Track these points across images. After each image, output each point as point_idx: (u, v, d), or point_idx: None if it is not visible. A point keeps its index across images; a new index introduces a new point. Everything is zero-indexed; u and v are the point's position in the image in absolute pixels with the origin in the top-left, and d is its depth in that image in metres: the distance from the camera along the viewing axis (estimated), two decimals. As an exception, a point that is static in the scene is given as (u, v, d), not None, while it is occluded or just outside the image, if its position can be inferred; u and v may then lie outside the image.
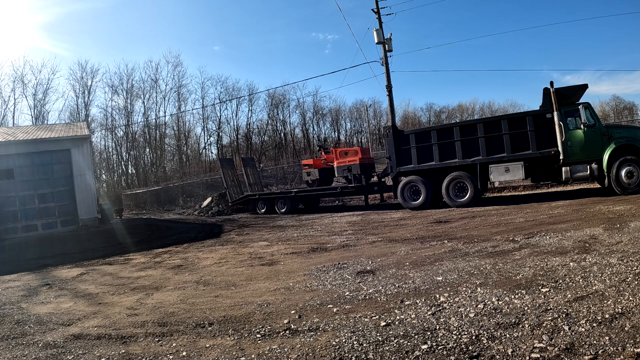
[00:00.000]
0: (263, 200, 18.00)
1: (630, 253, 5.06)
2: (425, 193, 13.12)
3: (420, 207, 13.10)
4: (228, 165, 21.06)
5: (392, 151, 13.63)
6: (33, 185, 15.29)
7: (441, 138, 12.94)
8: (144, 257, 9.34)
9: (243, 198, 18.75)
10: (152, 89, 44.79)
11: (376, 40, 21.02)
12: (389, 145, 13.73)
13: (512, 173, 12.05)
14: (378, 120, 59.70)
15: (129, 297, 5.72)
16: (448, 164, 12.78)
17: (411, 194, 13.46)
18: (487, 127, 12.39)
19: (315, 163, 17.96)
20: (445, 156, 12.87)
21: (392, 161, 13.66)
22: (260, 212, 17.90)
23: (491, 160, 12.25)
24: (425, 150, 13.17)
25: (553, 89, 11.29)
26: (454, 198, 12.64)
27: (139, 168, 43.65)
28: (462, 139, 12.59)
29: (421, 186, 13.17)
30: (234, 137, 51.72)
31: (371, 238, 8.81)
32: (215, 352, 3.49)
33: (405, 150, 13.45)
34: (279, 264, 7.14)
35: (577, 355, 2.75)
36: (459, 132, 12.67)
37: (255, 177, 20.80)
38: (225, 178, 19.66)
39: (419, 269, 5.61)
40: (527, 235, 7.05)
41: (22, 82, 39.86)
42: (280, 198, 17.65)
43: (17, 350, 3.94)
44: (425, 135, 13.32)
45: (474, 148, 12.47)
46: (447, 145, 12.84)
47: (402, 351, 3.11)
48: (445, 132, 13.01)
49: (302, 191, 17.67)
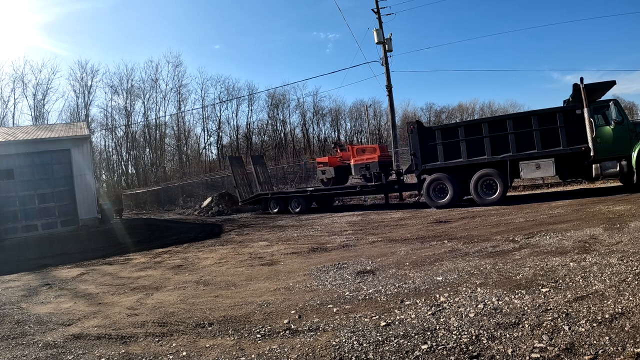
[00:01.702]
0: (276, 200, 17.50)
1: (630, 253, 5.06)
2: (452, 191, 12.69)
3: (447, 205, 12.67)
4: (237, 163, 20.43)
5: (417, 148, 13.14)
6: (33, 185, 15.30)
7: (469, 134, 12.53)
8: (144, 257, 9.34)
9: (254, 197, 18.20)
10: (152, 89, 44.85)
11: (376, 40, 21.04)
12: (414, 142, 13.20)
13: (543, 170, 11.82)
14: (378, 120, 59.69)
15: (129, 297, 5.72)
16: (476, 160, 12.40)
17: (437, 192, 13.01)
18: (517, 123, 12.07)
19: (330, 161, 17.33)
20: (473, 153, 12.46)
21: (417, 158, 13.17)
22: (272, 211, 17.36)
23: (521, 156, 11.93)
24: (451, 146, 12.74)
25: (583, 85, 11.17)
26: (482, 196, 12.31)
27: (139, 168, 43.66)
28: (490, 135, 12.25)
29: (448, 184, 12.74)
30: (234, 137, 51.75)
31: (371, 238, 8.81)
32: (215, 352, 3.49)
33: (431, 146, 12.98)
34: (279, 264, 7.14)
35: (577, 355, 2.75)
36: (488, 128, 12.33)
37: (265, 175, 20.17)
38: (235, 177, 19.07)
39: (419, 269, 5.61)
40: (527, 235, 7.05)
41: (22, 82, 39.94)
42: (295, 197, 17.09)
43: (17, 350, 3.94)
44: (452, 131, 12.89)
45: (503, 144, 12.14)
46: (475, 141, 12.43)
47: (402, 351, 3.11)
48: (473, 128, 12.61)
49: (319, 190, 16.99)
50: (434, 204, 12.98)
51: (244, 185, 19.23)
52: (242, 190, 18.92)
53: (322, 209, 17.47)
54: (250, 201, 18.56)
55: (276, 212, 17.21)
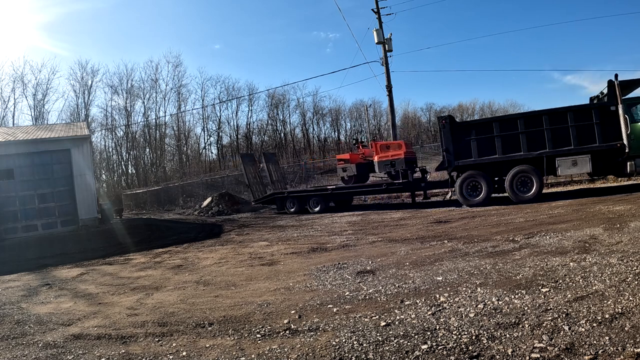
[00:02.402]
0: (293, 199, 16.74)
1: (630, 253, 5.06)
2: (486, 188, 12.35)
3: (481, 203, 12.32)
4: (249, 161, 19.57)
5: (449, 143, 12.71)
6: (33, 185, 15.30)
7: (504, 130, 12.19)
8: (144, 257, 9.34)
9: (270, 196, 17.48)
10: (152, 89, 44.84)
11: (376, 40, 21.03)
12: (446, 137, 12.75)
13: (579, 166, 11.67)
14: (378, 120, 59.70)
15: (129, 297, 5.72)
16: (512, 157, 12.07)
17: (469, 190, 12.63)
18: (553, 119, 11.85)
19: (352, 158, 16.51)
20: (509, 149, 12.13)
21: (450, 154, 12.72)
22: (289, 211, 16.63)
23: (558, 153, 11.78)
24: (485, 142, 12.39)
25: (617, 81, 11.11)
26: (518, 193, 12.05)
27: (139, 168, 43.66)
28: (526, 131, 11.94)
29: (482, 181, 12.37)
30: (234, 137, 51.77)
31: (371, 238, 8.81)
32: (215, 352, 3.49)
33: (464, 142, 12.60)
34: (279, 264, 7.14)
35: (577, 355, 2.75)
36: (524, 123, 12.01)
37: (278, 174, 19.43)
38: (247, 175, 18.27)
39: (419, 269, 5.61)
40: (527, 235, 7.05)
41: (22, 82, 39.90)
42: (314, 196, 16.33)
43: (17, 350, 3.94)
44: (486, 126, 12.56)
45: (538, 140, 11.92)
46: (510, 137, 12.12)
47: (402, 351, 3.11)
48: (508, 124, 12.29)
49: (341, 188, 16.18)
50: (467, 202, 12.58)
51: (256, 184, 18.47)
52: (255, 189, 18.21)
53: (340, 208, 16.79)
54: (264, 200, 17.91)
55: (293, 211, 16.52)
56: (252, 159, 20.17)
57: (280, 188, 18.27)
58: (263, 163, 19.09)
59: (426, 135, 57.25)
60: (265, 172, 18.88)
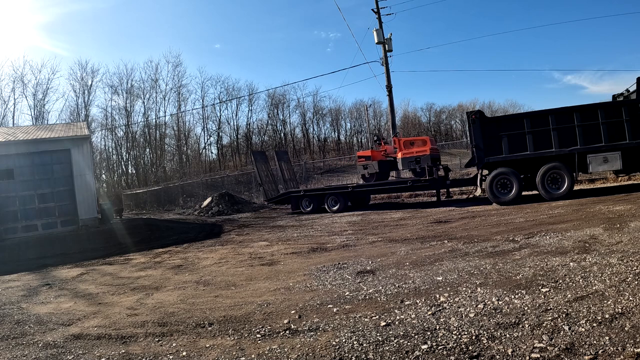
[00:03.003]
0: (310, 198, 16.17)
1: (630, 253, 5.06)
2: (517, 186, 12.05)
3: (512, 202, 12.01)
4: (261, 158, 18.84)
5: (479, 139, 12.42)
6: (33, 185, 15.29)
7: (535, 126, 11.97)
8: (144, 257, 9.34)
9: (284, 195, 16.94)
10: (152, 89, 44.77)
11: (376, 40, 21.05)
12: (476, 133, 12.48)
13: (610, 163, 11.53)
14: (378, 120, 59.68)
15: (129, 297, 5.72)
16: (543, 153, 11.88)
17: (499, 188, 12.33)
18: (583, 115, 11.70)
19: (373, 155, 15.94)
20: (540, 145, 11.91)
21: (480, 150, 12.41)
22: (305, 210, 16.09)
23: (589, 149, 11.54)
24: (516, 138, 12.14)
25: None
26: (550, 190, 11.83)
27: (139, 168, 43.64)
28: (557, 127, 11.77)
29: (513, 178, 12.07)
30: (234, 137, 51.76)
31: (371, 238, 8.81)
32: (215, 352, 3.49)
33: (494, 138, 12.33)
34: (279, 264, 7.14)
35: (577, 355, 2.75)
36: (555, 119, 11.80)
37: (290, 172, 18.88)
38: (259, 173, 17.63)
39: (419, 269, 5.61)
40: (527, 235, 7.05)
41: (22, 82, 39.82)
42: (332, 194, 15.71)
43: (17, 350, 3.94)
44: (517, 122, 12.28)
45: (569, 137, 11.71)
46: (541, 133, 11.91)
47: (402, 351, 3.11)
48: (539, 119, 12.01)
49: (362, 186, 15.67)
50: (498, 200, 12.29)
51: (269, 183, 17.87)
52: (267, 188, 17.61)
53: (358, 207, 16.28)
54: (277, 200, 17.44)
55: (309, 211, 16.01)
56: (264, 157, 19.62)
57: (293, 187, 17.82)
58: (275, 161, 18.61)
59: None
60: (277, 170, 18.35)
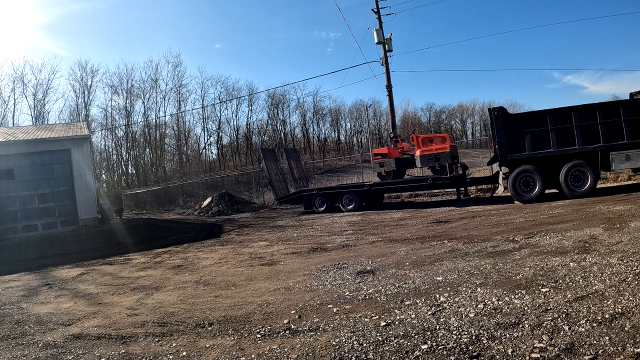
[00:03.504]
0: (323, 197, 15.74)
1: (630, 253, 5.06)
2: (540, 184, 11.88)
3: (536, 199, 11.83)
4: (271, 156, 18.32)
5: (502, 136, 12.18)
6: (33, 185, 15.29)
7: (558, 122, 11.83)
8: (144, 257, 9.34)
9: (297, 194, 16.53)
10: (152, 89, 44.86)
11: (376, 41, 21.04)
12: (499, 130, 12.27)
13: (632, 161, 11.47)
14: (378, 120, 59.79)
15: (129, 297, 5.72)
16: (566, 151, 11.76)
17: (522, 186, 12.15)
18: (606, 113, 11.55)
19: (390, 152, 15.64)
20: (563, 142, 11.78)
21: (503, 148, 12.19)
22: (318, 210, 15.67)
23: (612, 147, 11.45)
24: (539, 135, 11.98)
25: None
26: (573, 188, 11.71)
27: (139, 168, 43.66)
28: (580, 124, 11.66)
29: (536, 176, 11.91)
30: (234, 137, 51.83)
31: (371, 238, 8.81)
32: (215, 352, 3.49)
33: (516, 135, 12.14)
34: (279, 264, 7.14)
35: (577, 355, 2.75)
36: (578, 116, 11.68)
37: (299, 171, 18.44)
38: (268, 172, 17.17)
39: (419, 269, 5.61)
40: (527, 235, 7.04)
41: (22, 82, 39.91)
42: (347, 193, 15.32)
43: (17, 350, 3.94)
44: (540, 119, 12.08)
45: (592, 134, 11.62)
46: (564, 130, 11.78)
47: (402, 351, 3.11)
48: (562, 116, 11.86)
49: (379, 184, 15.25)
50: (521, 198, 12.11)
51: (279, 182, 17.44)
52: (277, 187, 17.18)
53: (372, 206, 15.83)
54: (288, 199, 17.04)
55: (322, 210, 15.57)
56: (274, 155, 19.18)
57: (302, 186, 17.49)
58: (284, 159, 18.36)
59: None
60: (287, 169, 18.01)
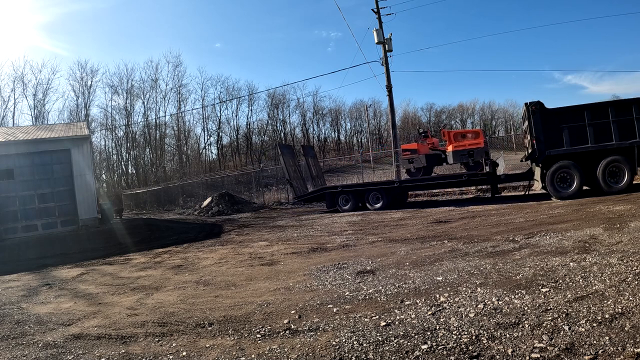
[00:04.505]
0: (347, 194, 15.12)
1: (630, 253, 5.06)
2: (578, 180, 11.75)
3: (573, 196, 11.70)
4: (289, 153, 17.62)
5: (540, 132, 11.96)
6: (33, 185, 15.29)
7: (594, 118, 11.68)
8: (144, 257, 9.34)
9: (319, 191, 15.91)
10: (152, 89, 44.83)
11: (376, 41, 21.04)
12: (536, 125, 12.01)
13: None
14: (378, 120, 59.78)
15: (129, 297, 5.72)
16: (604, 146, 11.60)
17: (559, 182, 12.03)
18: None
19: (420, 148, 15.11)
20: (600, 138, 11.65)
21: (541, 143, 11.97)
22: (342, 208, 15.08)
23: None
24: (576, 131, 11.84)
25: None
26: (610, 184, 11.58)
27: (139, 168, 43.65)
28: (617, 120, 11.54)
29: (574, 172, 11.77)
30: (234, 137, 51.82)
31: (371, 238, 8.81)
32: (215, 352, 3.49)
33: (553, 131, 11.97)
34: (279, 264, 7.14)
35: (577, 355, 2.75)
36: (614, 111, 11.57)
37: (317, 168, 17.89)
38: (287, 168, 16.47)
39: (419, 269, 5.61)
40: (527, 235, 7.04)
41: (22, 82, 39.89)
42: (374, 190, 14.73)
43: (17, 350, 3.94)
44: (577, 114, 11.91)
45: (628, 129, 11.54)
46: (601, 125, 11.64)
47: (402, 351, 3.11)
48: (599, 111, 11.72)
49: (410, 181, 14.71)
50: (559, 195, 11.96)
51: (297, 179, 16.81)
52: (296, 184, 16.56)
53: (396, 205, 15.16)
54: (309, 197, 16.46)
55: (347, 209, 15.00)
56: (292, 152, 18.45)
57: (321, 184, 17.03)
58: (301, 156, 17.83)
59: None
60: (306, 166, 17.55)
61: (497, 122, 65.28)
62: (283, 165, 16.96)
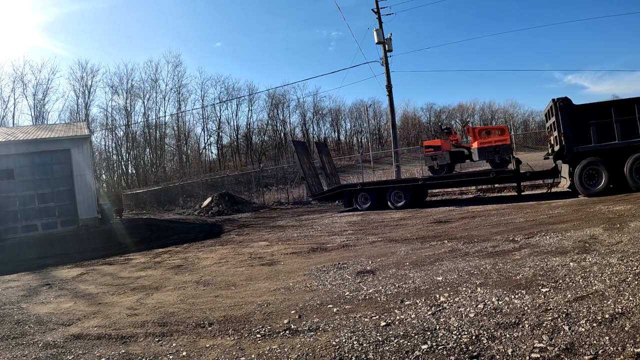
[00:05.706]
0: (367, 193, 14.68)
1: (630, 253, 5.06)
2: (606, 177, 11.59)
3: (602, 193, 11.54)
4: (303, 150, 17.20)
5: (568, 128, 11.82)
6: (33, 185, 15.29)
7: (621, 114, 11.58)
8: (144, 257, 9.34)
9: (336, 189, 15.54)
10: (152, 89, 44.94)
11: (376, 41, 21.03)
12: (564, 121, 11.87)
13: None
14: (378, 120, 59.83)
15: (129, 297, 5.72)
16: (631, 142, 11.47)
17: (586, 179, 11.85)
18: None
19: (443, 145, 14.74)
20: (627, 134, 11.53)
21: (570, 140, 11.83)
22: (362, 207, 14.64)
23: None
24: (603, 127, 11.71)
25: None
26: (637, 181, 11.40)
27: (139, 168, 43.68)
28: None
29: (602, 169, 11.61)
30: (234, 137, 51.87)
31: (371, 238, 8.81)
32: (215, 352, 3.49)
33: (581, 127, 11.83)
34: (279, 264, 7.14)
35: (577, 355, 2.75)
36: None
37: (331, 166, 17.58)
38: (302, 165, 16.08)
39: (419, 269, 5.61)
40: (527, 235, 7.04)
41: (22, 82, 39.98)
42: (397, 188, 14.27)
43: (17, 350, 3.94)
44: (604, 110, 11.77)
45: None
46: (628, 122, 11.54)
47: (402, 351, 3.11)
48: (626, 107, 11.60)
49: (434, 179, 14.31)
50: (587, 192, 11.80)
51: (312, 177, 16.43)
52: (311, 182, 16.18)
53: (417, 204, 14.71)
54: (325, 195, 16.11)
55: (366, 207, 14.56)
56: (305, 149, 18.14)
57: (335, 182, 16.79)
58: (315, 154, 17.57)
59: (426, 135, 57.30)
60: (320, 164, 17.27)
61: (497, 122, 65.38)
62: (298, 163, 16.61)
